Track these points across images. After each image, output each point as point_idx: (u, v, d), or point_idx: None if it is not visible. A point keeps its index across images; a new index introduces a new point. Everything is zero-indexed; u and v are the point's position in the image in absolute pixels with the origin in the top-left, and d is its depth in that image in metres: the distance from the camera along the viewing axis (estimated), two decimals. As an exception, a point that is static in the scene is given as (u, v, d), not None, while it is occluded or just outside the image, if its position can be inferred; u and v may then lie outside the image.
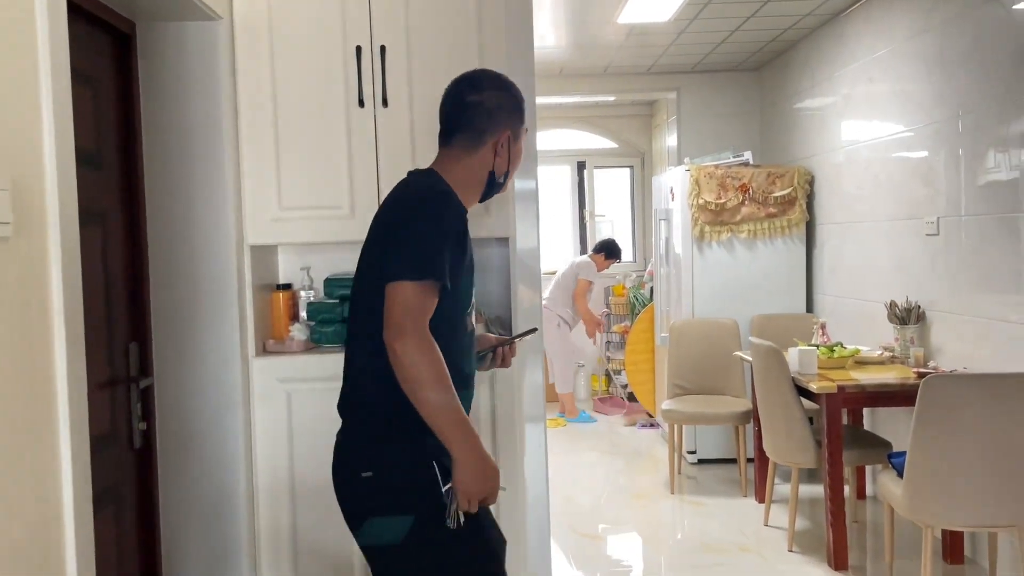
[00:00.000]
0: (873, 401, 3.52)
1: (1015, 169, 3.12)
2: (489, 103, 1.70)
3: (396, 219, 1.61)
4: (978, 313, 3.35)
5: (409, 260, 1.52)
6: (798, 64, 5.15)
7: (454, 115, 1.72)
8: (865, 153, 4.30)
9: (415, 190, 1.66)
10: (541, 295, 2.44)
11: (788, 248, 4.96)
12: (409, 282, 1.51)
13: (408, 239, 1.55)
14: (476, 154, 1.70)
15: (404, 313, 1.49)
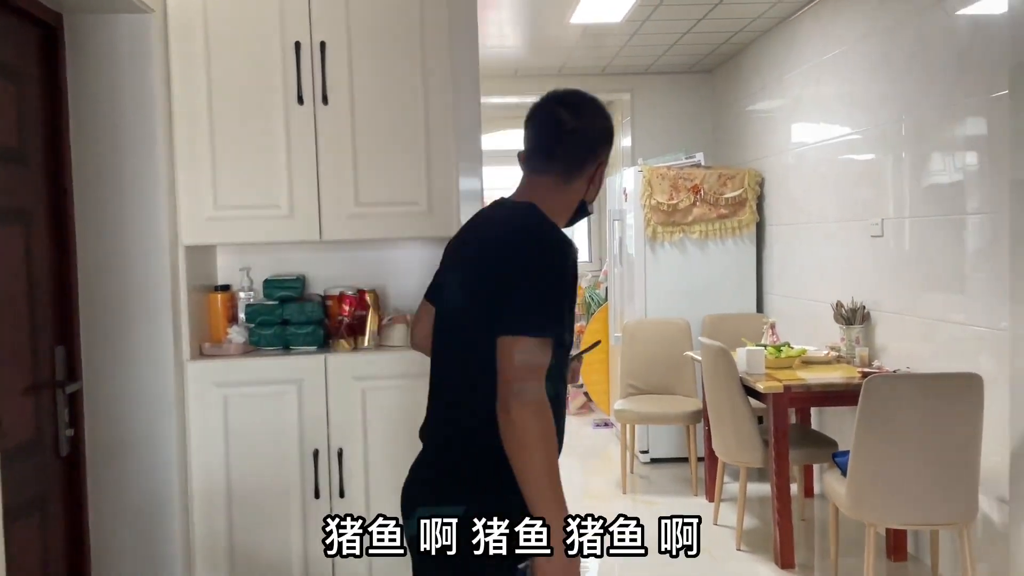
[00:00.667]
0: (819, 401, 3.57)
1: (959, 171, 3.18)
2: (591, 132, 1.59)
3: (521, 263, 1.45)
4: (921, 313, 3.41)
5: (535, 315, 1.41)
6: (749, 66, 5.21)
7: (552, 142, 1.58)
8: (813, 155, 4.35)
9: (539, 233, 1.49)
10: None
11: (739, 249, 5.00)
12: (531, 339, 1.40)
13: (534, 292, 1.43)
14: (573, 184, 1.58)
15: (526, 373, 1.39)
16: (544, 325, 1.41)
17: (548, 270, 1.44)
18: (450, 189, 2.36)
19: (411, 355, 2.40)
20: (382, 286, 2.64)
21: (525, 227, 1.50)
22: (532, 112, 1.63)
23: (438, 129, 2.37)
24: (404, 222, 2.38)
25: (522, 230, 1.49)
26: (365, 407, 2.37)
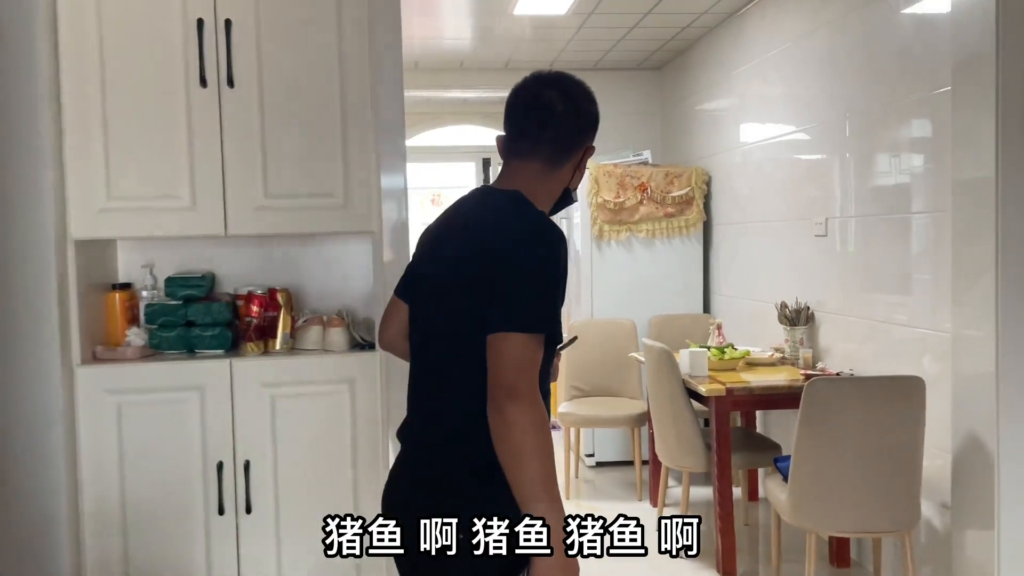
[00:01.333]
0: (762, 404, 3.48)
1: (903, 171, 3.11)
2: (579, 116, 1.51)
3: (513, 257, 1.36)
4: (865, 314, 3.35)
5: (528, 310, 1.33)
6: (697, 64, 5.13)
7: (538, 126, 1.48)
8: (759, 154, 4.28)
9: (532, 225, 1.40)
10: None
11: (686, 248, 4.92)
12: (525, 335, 1.32)
13: (526, 287, 1.34)
14: (559, 171, 1.50)
15: (519, 372, 1.32)
16: (537, 321, 1.34)
17: (541, 264, 1.35)
18: (370, 181, 2.19)
19: (328, 360, 2.24)
20: (298, 285, 2.46)
21: (517, 218, 1.41)
22: (516, 94, 1.54)
23: (356, 117, 2.20)
24: (319, 216, 2.20)
25: (514, 221, 1.41)
26: (275, 416, 2.19)
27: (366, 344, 2.27)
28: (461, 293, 1.40)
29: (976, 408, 2.57)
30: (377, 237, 2.21)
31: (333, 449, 2.18)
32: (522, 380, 1.32)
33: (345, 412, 2.19)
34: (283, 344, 2.26)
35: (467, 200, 1.53)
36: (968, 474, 2.63)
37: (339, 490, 2.21)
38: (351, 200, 2.19)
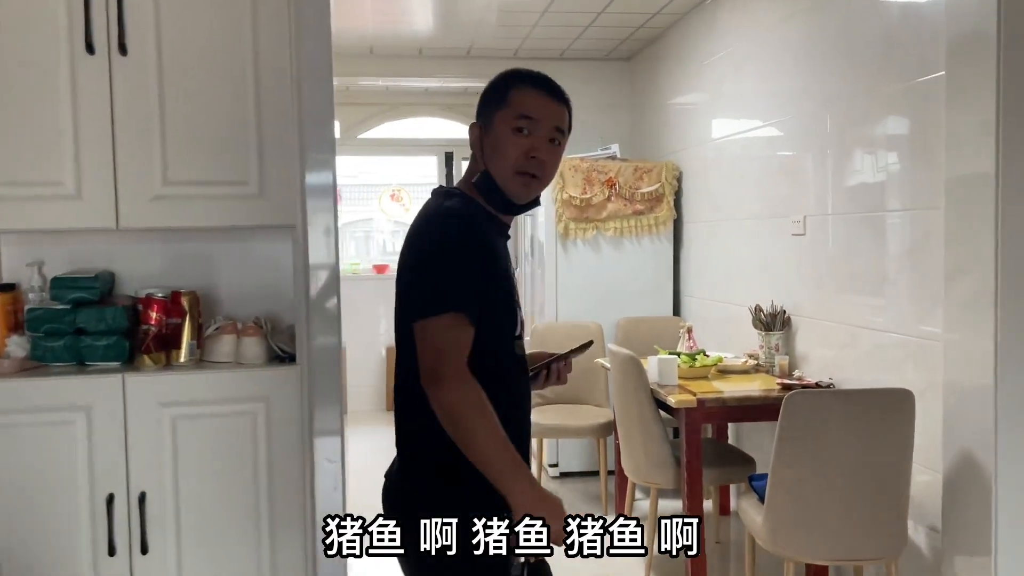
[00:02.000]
0: (735, 416, 3.24)
1: (888, 168, 2.88)
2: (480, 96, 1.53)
3: (409, 248, 1.44)
4: (845, 319, 3.11)
5: (432, 293, 1.37)
6: (669, 54, 4.87)
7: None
8: (733, 148, 4.04)
9: (425, 212, 1.47)
10: (339, 297, 1.94)
11: (655, 247, 4.67)
12: (435, 318, 1.36)
13: (428, 269, 1.39)
14: (479, 155, 1.50)
15: (436, 356, 1.35)
16: (445, 300, 1.35)
17: (439, 246, 1.39)
18: (290, 168, 1.89)
19: (241, 375, 1.93)
20: (213, 287, 2.14)
21: (424, 212, 1.47)
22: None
23: (273, 96, 1.90)
24: (229, 207, 1.89)
25: (420, 216, 1.47)
26: (176, 440, 1.87)
27: (286, 356, 1.97)
28: (397, 298, 1.46)
29: (970, 423, 2.33)
30: (299, 233, 1.91)
31: (245, 479, 1.88)
32: (443, 363, 1.34)
33: (260, 435, 1.88)
34: (188, 356, 1.95)
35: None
36: (961, 495, 2.40)
37: (251, 526, 1.90)
38: (267, 189, 1.89)
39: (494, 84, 1.53)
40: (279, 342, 1.97)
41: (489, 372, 1.40)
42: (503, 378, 1.45)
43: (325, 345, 1.90)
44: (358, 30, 4.82)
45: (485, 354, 1.39)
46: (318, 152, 1.91)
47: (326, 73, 1.94)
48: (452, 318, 1.34)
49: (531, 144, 1.46)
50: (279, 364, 1.96)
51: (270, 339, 1.97)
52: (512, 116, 1.46)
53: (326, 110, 1.94)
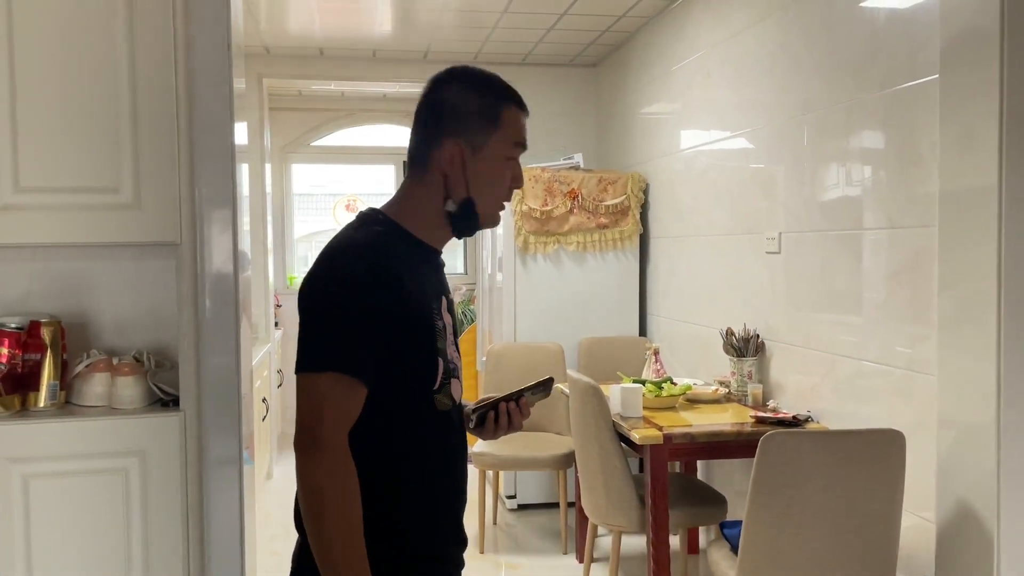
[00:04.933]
0: (705, 453, 2.95)
1: (871, 182, 2.63)
2: (443, 103, 1.27)
3: (302, 293, 1.22)
4: (824, 345, 2.85)
5: (315, 347, 1.17)
6: (636, 59, 4.62)
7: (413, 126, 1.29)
8: (703, 159, 3.78)
9: (331, 244, 1.25)
10: (239, 328, 1.62)
11: (620, 263, 4.39)
12: (313, 375, 1.16)
13: (313, 317, 1.19)
14: (426, 176, 1.28)
15: (314, 416, 1.15)
16: (326, 357, 1.15)
17: (336, 291, 1.18)
18: (170, 175, 1.57)
19: (111, 423, 1.59)
20: (84, 314, 1.80)
21: (334, 239, 1.26)
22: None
23: (152, 92, 1.58)
24: (97, 219, 1.57)
25: (329, 244, 1.25)
26: (28, 505, 1.53)
27: (168, 399, 1.64)
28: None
29: (969, 465, 2.07)
30: (185, 251, 1.58)
31: (112, 552, 1.55)
32: (319, 428, 1.15)
33: (133, 498, 1.55)
34: (48, 400, 1.61)
35: None
36: (958, 547, 2.13)
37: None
38: (144, 199, 1.56)
39: (484, 101, 1.27)
40: (164, 381, 1.64)
41: (405, 434, 1.21)
42: (422, 440, 1.25)
43: (219, 385, 1.58)
44: (305, 29, 4.50)
45: (394, 414, 1.20)
46: (213, 160, 1.59)
47: (223, 71, 1.63)
48: (333, 379, 1.14)
49: (518, 172, 1.33)
50: (161, 410, 1.62)
51: (150, 378, 1.63)
52: (508, 142, 1.29)
53: (223, 113, 1.63)
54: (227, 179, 1.62)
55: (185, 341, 1.56)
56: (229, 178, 1.62)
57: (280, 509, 4.33)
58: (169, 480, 1.55)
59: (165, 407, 1.63)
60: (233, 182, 1.62)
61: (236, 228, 1.61)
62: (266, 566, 3.67)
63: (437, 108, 1.26)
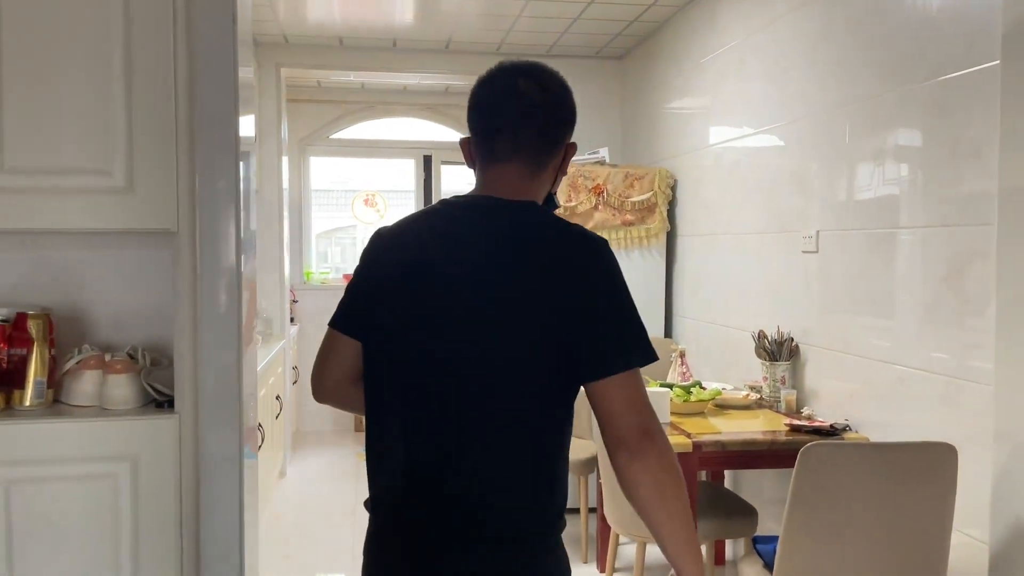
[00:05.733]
0: (736, 462, 2.79)
1: (920, 176, 2.46)
2: (563, 107, 1.30)
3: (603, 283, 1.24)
4: (862, 349, 2.69)
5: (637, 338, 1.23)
6: (665, 50, 4.46)
7: (521, 119, 1.27)
8: (734, 154, 3.62)
9: (590, 239, 1.26)
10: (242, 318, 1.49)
11: (646, 261, 4.24)
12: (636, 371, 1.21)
13: (630, 305, 1.25)
14: (544, 171, 1.30)
15: (651, 409, 1.21)
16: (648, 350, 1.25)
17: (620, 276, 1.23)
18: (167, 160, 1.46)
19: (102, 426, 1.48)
20: (76, 306, 1.68)
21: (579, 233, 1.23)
22: (486, 86, 1.29)
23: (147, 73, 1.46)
24: (86, 203, 1.45)
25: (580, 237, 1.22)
26: (9, 512, 1.42)
27: (164, 400, 1.52)
28: (528, 324, 1.16)
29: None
30: (183, 241, 1.46)
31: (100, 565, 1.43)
32: (655, 419, 1.20)
33: (123, 506, 1.43)
34: (35, 399, 1.50)
35: (467, 214, 1.26)
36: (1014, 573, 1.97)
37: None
38: (137, 184, 1.45)
39: (575, 105, 1.32)
40: (154, 381, 1.52)
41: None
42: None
43: (218, 386, 1.45)
44: (324, 18, 4.39)
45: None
46: (216, 148, 1.48)
47: (226, 57, 1.51)
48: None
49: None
50: (154, 412, 1.51)
51: (145, 376, 1.52)
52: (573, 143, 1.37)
53: (227, 100, 1.51)
54: (230, 168, 1.50)
55: (181, 338, 1.44)
56: (232, 167, 1.50)
57: (293, 510, 4.22)
58: (162, 488, 1.43)
59: (160, 408, 1.52)
60: (237, 172, 1.50)
61: (240, 219, 1.49)
62: (279, 571, 3.57)
63: (566, 113, 1.29)
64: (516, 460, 1.18)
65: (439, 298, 1.19)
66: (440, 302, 1.19)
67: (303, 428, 5.87)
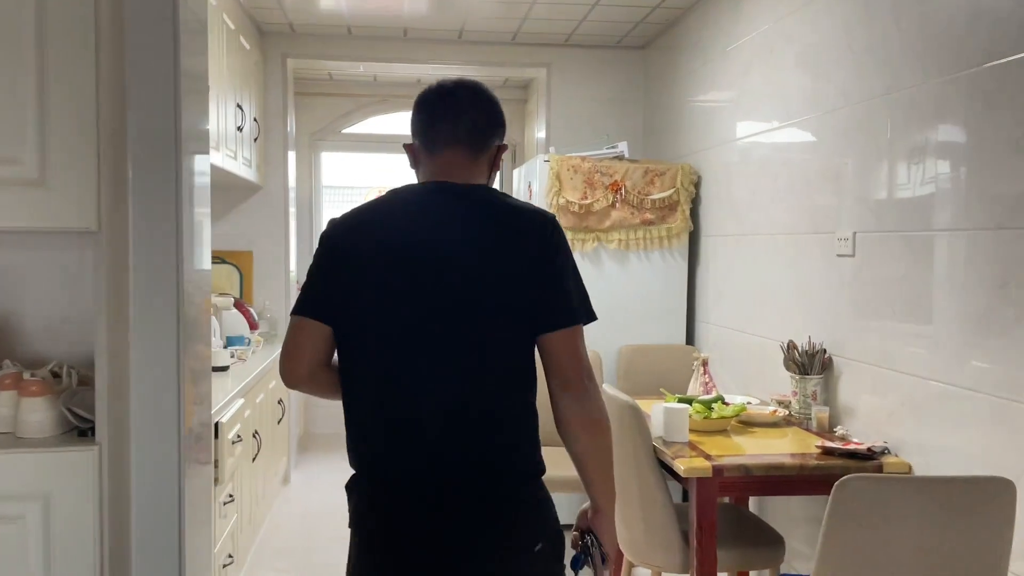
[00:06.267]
0: (761, 488, 2.54)
1: (960, 177, 2.19)
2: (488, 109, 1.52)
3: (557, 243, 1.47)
4: (901, 363, 2.42)
5: (581, 300, 1.47)
6: (689, 39, 4.20)
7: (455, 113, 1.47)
8: (762, 149, 3.36)
9: (530, 208, 1.50)
10: (180, 329, 1.28)
11: (667, 263, 3.99)
12: (580, 326, 1.44)
13: (573, 269, 1.47)
14: (480, 159, 1.50)
15: (585, 359, 1.44)
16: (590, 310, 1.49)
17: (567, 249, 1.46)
18: (86, 149, 1.24)
19: (12, 457, 1.27)
20: (6, 314, 1.48)
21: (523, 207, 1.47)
22: (424, 95, 1.49)
23: (64, 53, 1.26)
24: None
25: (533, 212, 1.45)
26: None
27: (86, 428, 1.32)
28: (507, 296, 1.37)
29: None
30: (105, 242, 1.25)
31: None
32: (588, 365, 1.44)
33: (31, 555, 1.22)
34: (-60, 424, 1.30)
35: (436, 196, 1.43)
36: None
37: None
38: (51, 175, 1.24)
39: (502, 112, 1.54)
40: (76, 404, 1.31)
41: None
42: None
43: (150, 411, 1.24)
44: (332, 6, 4.19)
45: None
46: (152, 143, 1.27)
47: (164, 46, 1.31)
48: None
49: None
50: (74, 441, 1.30)
51: (66, 400, 1.31)
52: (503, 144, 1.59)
53: (164, 93, 1.30)
54: (169, 162, 1.29)
55: (101, 354, 1.23)
56: (172, 161, 1.29)
57: (291, 520, 4.03)
58: (79, 533, 1.22)
59: (83, 437, 1.31)
60: (178, 166, 1.29)
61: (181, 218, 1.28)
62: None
63: (495, 113, 1.50)
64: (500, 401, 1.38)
65: (427, 270, 1.34)
66: (427, 274, 1.34)
67: (312, 430, 5.69)
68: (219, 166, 3.40)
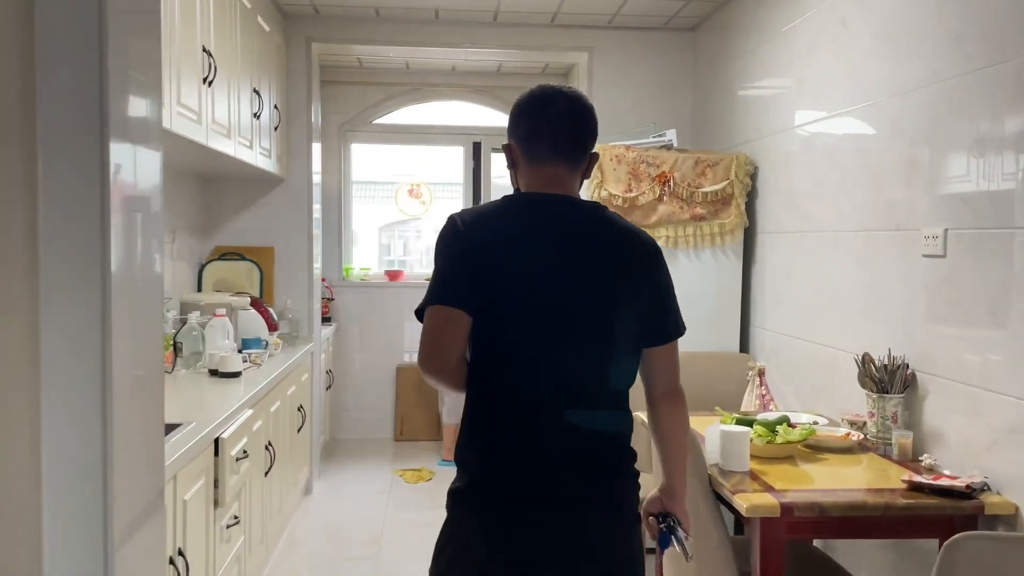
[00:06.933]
0: (838, 530, 2.18)
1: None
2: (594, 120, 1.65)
3: (660, 268, 1.63)
4: (1002, 384, 2.06)
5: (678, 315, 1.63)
6: (744, 18, 3.83)
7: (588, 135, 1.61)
8: (827, 137, 2.99)
9: (632, 228, 1.64)
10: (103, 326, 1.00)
11: (719, 263, 3.64)
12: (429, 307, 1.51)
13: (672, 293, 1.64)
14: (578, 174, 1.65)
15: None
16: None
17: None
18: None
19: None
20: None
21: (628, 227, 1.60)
22: (552, 101, 1.57)
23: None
24: None
25: (647, 239, 1.61)
26: None
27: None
28: (629, 309, 1.53)
29: None
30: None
31: None
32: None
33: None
34: None
35: (561, 211, 1.55)
36: None
37: None
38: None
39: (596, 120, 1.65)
40: None
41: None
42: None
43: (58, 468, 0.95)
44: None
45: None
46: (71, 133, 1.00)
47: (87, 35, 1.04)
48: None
49: None
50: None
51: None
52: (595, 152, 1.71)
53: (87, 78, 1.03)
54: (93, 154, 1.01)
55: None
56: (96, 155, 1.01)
57: (312, 535, 3.77)
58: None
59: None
60: (105, 160, 1.02)
61: (108, 221, 1.00)
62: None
63: (593, 124, 1.60)
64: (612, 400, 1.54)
65: (564, 273, 1.48)
66: (564, 275, 1.48)
67: (338, 436, 5.45)
68: (231, 155, 3.15)
